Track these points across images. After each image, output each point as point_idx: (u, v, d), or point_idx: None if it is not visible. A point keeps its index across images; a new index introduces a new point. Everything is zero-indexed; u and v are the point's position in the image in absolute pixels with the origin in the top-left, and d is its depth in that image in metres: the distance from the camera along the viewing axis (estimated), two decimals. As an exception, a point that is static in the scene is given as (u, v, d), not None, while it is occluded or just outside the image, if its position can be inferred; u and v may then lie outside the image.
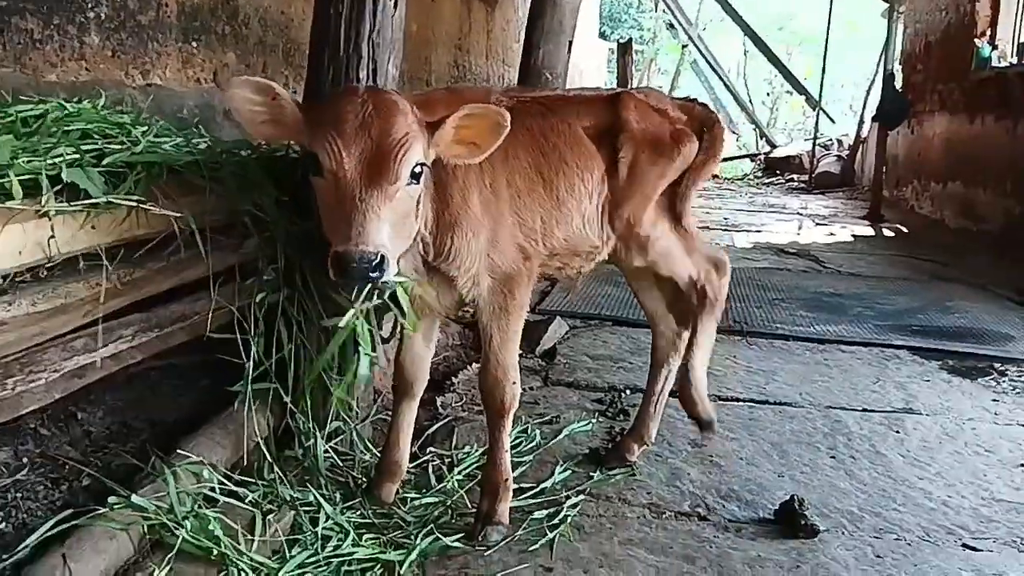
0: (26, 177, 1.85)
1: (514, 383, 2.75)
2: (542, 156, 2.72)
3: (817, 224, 10.41)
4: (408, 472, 3.02)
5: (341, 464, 3.05)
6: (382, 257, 1.98)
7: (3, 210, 1.77)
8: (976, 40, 9.65)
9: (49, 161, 1.87)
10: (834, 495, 3.16)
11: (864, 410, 4.01)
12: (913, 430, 3.80)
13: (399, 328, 2.97)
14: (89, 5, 3.64)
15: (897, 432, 3.77)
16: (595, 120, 2.89)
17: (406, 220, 2.20)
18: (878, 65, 13.81)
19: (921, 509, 3.09)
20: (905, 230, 10.07)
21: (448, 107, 2.52)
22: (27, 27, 3.33)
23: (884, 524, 2.97)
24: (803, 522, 2.84)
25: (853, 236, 9.49)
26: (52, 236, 1.85)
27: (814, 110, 16.66)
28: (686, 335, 3.34)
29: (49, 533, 2.25)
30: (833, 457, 3.48)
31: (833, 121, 17.43)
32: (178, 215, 2.26)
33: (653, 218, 3.05)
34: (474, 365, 4.41)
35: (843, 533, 2.90)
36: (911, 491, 3.22)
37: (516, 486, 3.05)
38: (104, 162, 2.01)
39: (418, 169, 2.14)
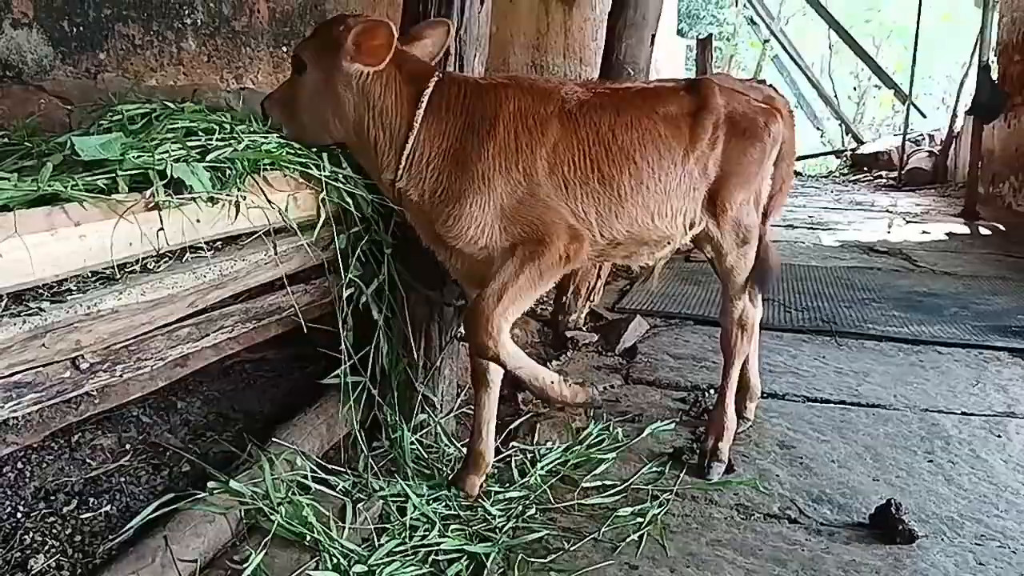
0: (135, 172, 1.94)
1: (489, 333, 2.60)
2: (604, 152, 2.71)
3: (908, 222, 10.01)
4: (492, 466, 3.04)
5: (427, 456, 3.09)
6: (265, 98, 2.77)
7: (116, 203, 1.85)
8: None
9: (157, 157, 1.96)
10: (932, 500, 3.03)
11: (963, 413, 3.84)
12: (1016, 434, 3.62)
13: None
14: (186, 12, 3.79)
15: (999, 436, 3.60)
16: (680, 109, 2.86)
17: (292, 100, 2.67)
18: (972, 56, 13.19)
19: (1026, 517, 2.94)
20: (1002, 228, 9.59)
21: (507, 91, 2.67)
22: (129, 33, 3.49)
23: (986, 531, 2.84)
24: (900, 527, 2.74)
25: (947, 234, 9.09)
26: (161, 228, 1.93)
27: (904, 104, 16.03)
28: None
29: (151, 516, 2.36)
30: (931, 461, 3.34)
31: (924, 116, 16.72)
32: (274, 208, 2.33)
33: (749, 207, 3.08)
34: (553, 363, 4.41)
35: (943, 539, 2.78)
36: (1015, 498, 3.07)
37: (599, 483, 3.05)
38: (208, 158, 2.09)
39: (300, 63, 2.67)
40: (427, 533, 2.59)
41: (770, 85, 3.34)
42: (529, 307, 2.77)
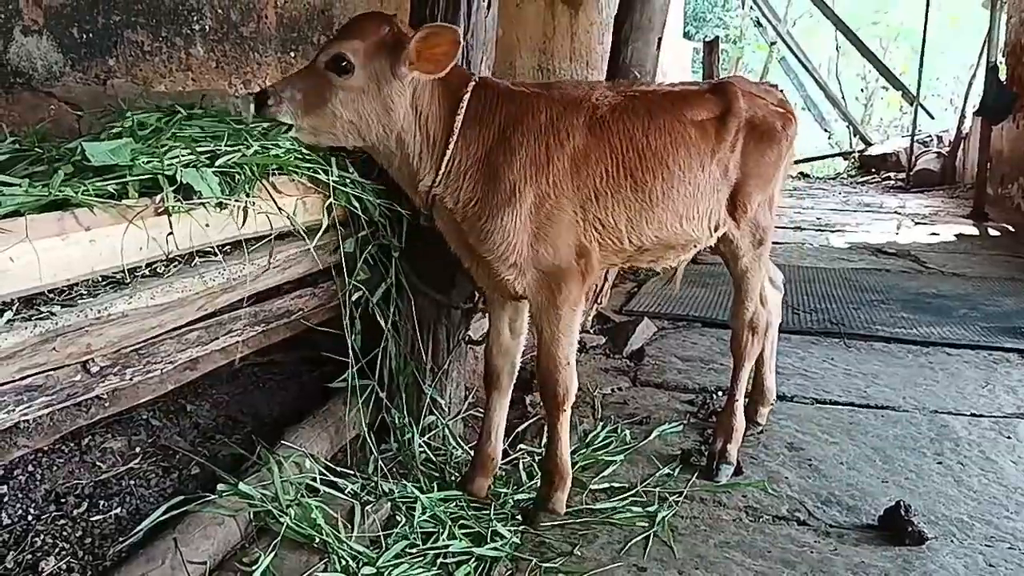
0: (145, 177, 1.95)
1: (569, 376, 2.77)
2: (638, 158, 2.72)
3: (917, 223, 9.98)
4: (500, 468, 3.05)
5: (435, 459, 3.10)
6: (264, 92, 2.48)
7: (125, 208, 1.87)
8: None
9: (167, 162, 1.97)
10: (942, 502, 3.03)
11: (973, 415, 3.83)
12: (1026, 436, 3.61)
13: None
14: (194, 18, 3.81)
15: (1008, 438, 3.59)
16: (707, 113, 2.89)
17: (319, 99, 2.47)
18: (980, 57, 13.14)
19: (1036, 518, 2.93)
20: (1011, 229, 9.54)
21: (538, 101, 2.67)
22: (138, 40, 3.51)
23: (996, 532, 2.83)
24: (909, 529, 2.73)
25: (956, 236, 9.06)
26: (171, 233, 1.94)
27: (911, 105, 15.96)
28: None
29: (161, 518, 2.37)
30: (940, 463, 3.33)
31: (932, 117, 16.65)
32: (283, 214, 2.35)
33: (765, 209, 3.12)
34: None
35: (952, 541, 2.77)
36: (1025, 499, 3.06)
37: (607, 485, 3.06)
38: (217, 163, 2.11)
39: (343, 63, 2.46)
40: (435, 535, 2.60)
41: (781, 89, 3.35)
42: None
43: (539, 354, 2.79)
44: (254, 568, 2.25)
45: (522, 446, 3.32)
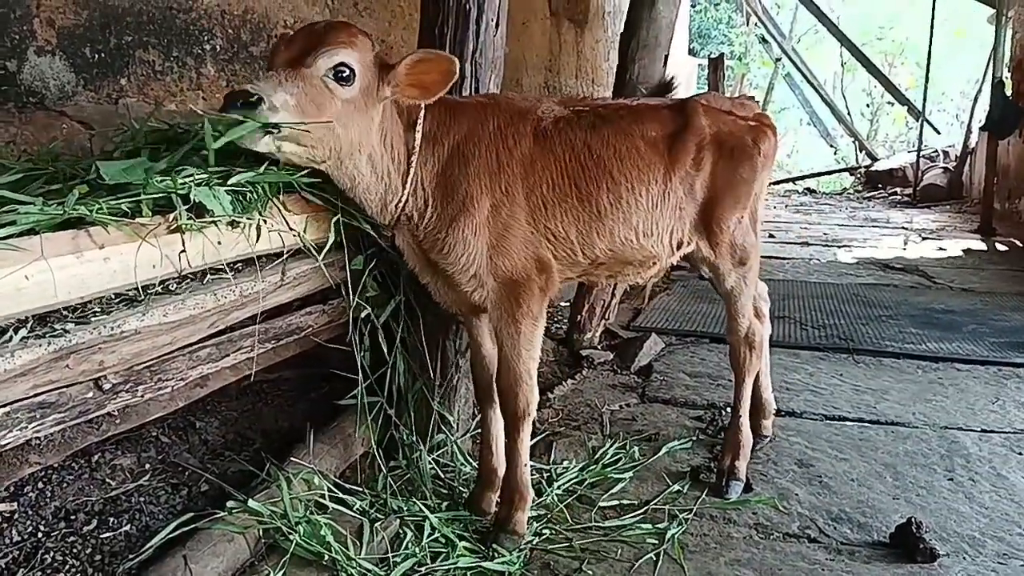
0: (158, 195, 1.97)
1: (529, 390, 2.71)
2: (581, 169, 2.70)
3: (924, 238, 9.97)
4: (508, 485, 3.04)
5: (443, 476, 3.09)
6: (259, 98, 2.14)
7: (139, 227, 1.88)
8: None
9: (180, 181, 1.99)
10: (953, 518, 3.01)
11: (983, 431, 3.81)
12: (1037, 452, 3.59)
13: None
14: (205, 38, 3.85)
15: (1020, 454, 3.57)
16: (663, 129, 2.86)
17: (321, 113, 2.27)
18: (986, 72, 13.19)
19: (1049, 535, 2.91)
20: (1019, 244, 9.53)
21: (485, 111, 2.66)
22: (149, 59, 3.55)
23: (1008, 549, 2.81)
24: (921, 546, 2.71)
25: (964, 251, 9.05)
26: (183, 251, 1.96)
27: (917, 120, 15.99)
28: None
29: (171, 535, 2.37)
30: (951, 479, 3.32)
31: (938, 132, 16.69)
32: (292, 232, 2.37)
33: (745, 226, 3.08)
34: (568, 381, 4.41)
35: (964, 558, 2.75)
36: (1037, 516, 3.04)
37: (616, 502, 3.05)
38: (230, 182, 2.12)
39: (345, 72, 2.29)
40: (447, 553, 2.60)
41: (750, 98, 3.34)
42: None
43: (499, 368, 2.74)
44: (264, 585, 2.25)
45: (530, 463, 3.31)
